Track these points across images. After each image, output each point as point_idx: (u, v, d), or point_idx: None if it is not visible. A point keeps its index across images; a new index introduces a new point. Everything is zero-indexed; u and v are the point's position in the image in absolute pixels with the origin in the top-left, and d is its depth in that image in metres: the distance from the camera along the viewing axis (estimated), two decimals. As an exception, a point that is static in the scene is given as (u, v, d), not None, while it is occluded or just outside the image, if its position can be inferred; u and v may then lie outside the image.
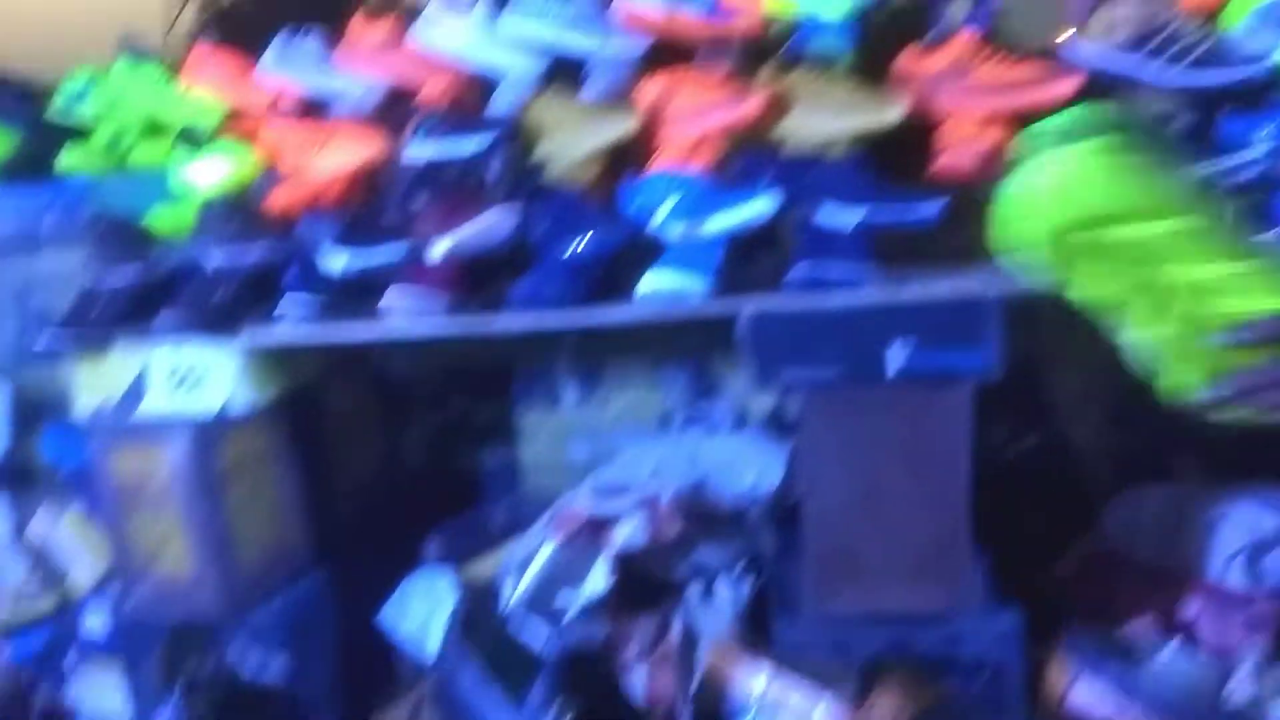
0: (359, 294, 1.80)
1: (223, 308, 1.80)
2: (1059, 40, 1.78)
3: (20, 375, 2.49)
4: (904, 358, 1.46)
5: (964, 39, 1.73)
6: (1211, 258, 1.15)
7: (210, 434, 1.83)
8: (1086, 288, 1.23)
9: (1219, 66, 1.48)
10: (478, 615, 0.84)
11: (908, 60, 1.77)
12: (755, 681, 0.68)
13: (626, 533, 1.82)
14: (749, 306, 1.57)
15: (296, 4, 2.16)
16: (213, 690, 0.75)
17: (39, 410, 2.50)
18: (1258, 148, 1.37)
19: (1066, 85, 1.60)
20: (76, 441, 2.13)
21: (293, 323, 1.75)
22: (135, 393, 1.85)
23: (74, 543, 2.28)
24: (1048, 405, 1.99)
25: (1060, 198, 1.19)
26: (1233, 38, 1.52)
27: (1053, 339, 1.97)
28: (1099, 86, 1.64)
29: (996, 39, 1.84)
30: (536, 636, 0.80)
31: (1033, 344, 1.95)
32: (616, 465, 2.08)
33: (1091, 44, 1.60)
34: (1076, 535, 1.91)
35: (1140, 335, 1.19)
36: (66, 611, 2.26)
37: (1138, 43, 1.55)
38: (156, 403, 1.84)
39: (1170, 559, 1.73)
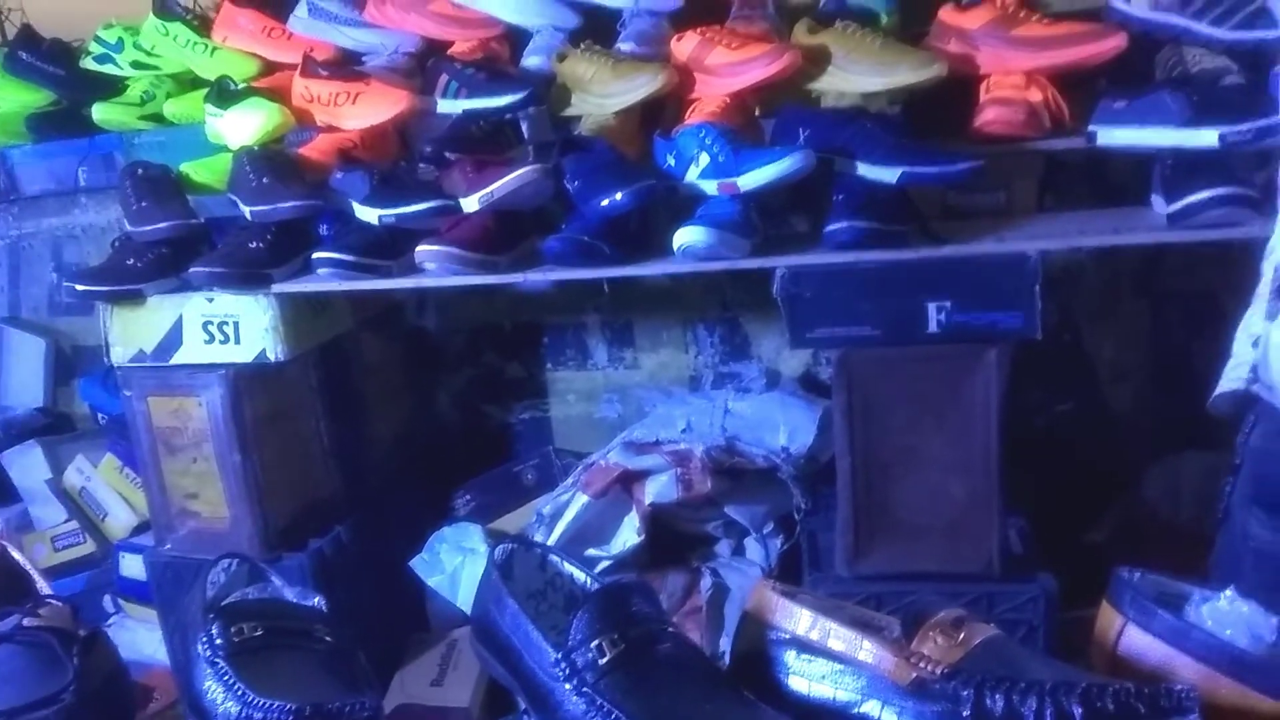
0: (391, 247, 1.81)
1: (256, 259, 1.81)
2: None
3: (57, 325, 2.53)
4: (941, 317, 1.45)
5: (1005, -6, 1.70)
6: None
7: (244, 383, 1.85)
8: None
9: (1268, 23, 1.45)
10: (522, 559, 0.85)
11: (947, 15, 1.74)
12: (798, 621, 0.69)
13: (658, 488, 1.83)
14: (784, 264, 1.56)
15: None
16: (255, 615, 0.77)
17: (76, 359, 2.55)
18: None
19: (1112, 42, 1.57)
20: (113, 390, 2.16)
21: (328, 274, 1.75)
22: (171, 342, 1.87)
23: (110, 489, 2.33)
24: (1086, 369, 1.98)
25: None
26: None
27: (1092, 302, 1.95)
28: (1144, 44, 1.61)
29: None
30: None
31: (1071, 306, 1.94)
32: (647, 422, 2.08)
33: (1137, 1, 1.57)
34: (1114, 500, 1.90)
35: None
36: (105, 555, 2.31)
37: (1184, 1, 1.52)
38: (191, 352, 1.86)
39: (1209, 526, 1.72)
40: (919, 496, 1.53)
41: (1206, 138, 1.38)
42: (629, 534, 1.85)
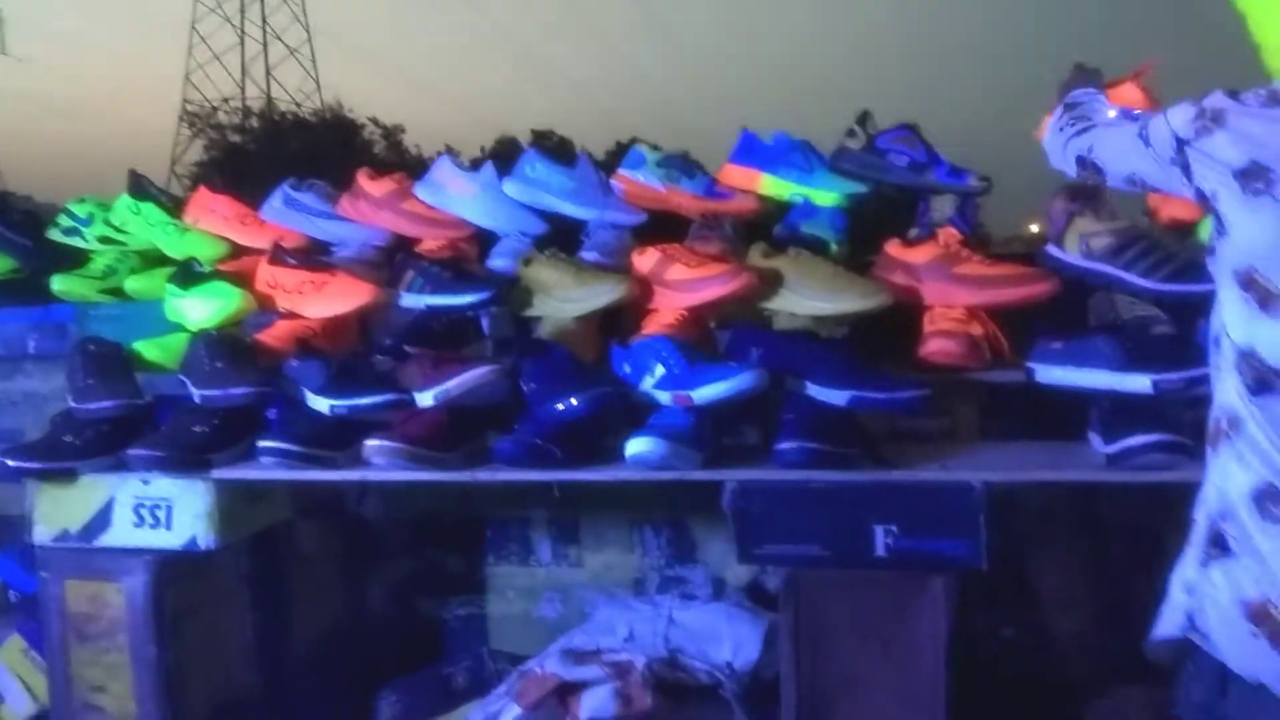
0: (339, 437, 1.79)
1: (198, 444, 1.78)
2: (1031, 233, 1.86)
3: (-21, 494, 2.42)
4: (889, 541, 1.46)
5: (948, 235, 1.81)
6: None
7: (170, 571, 1.77)
8: None
9: (1193, 279, 1.55)
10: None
11: (893, 249, 1.84)
12: None
13: (595, 703, 1.76)
14: (734, 477, 1.57)
15: (300, 156, 2.24)
16: None
17: (-4, 530, 2.43)
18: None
19: (1045, 286, 1.67)
20: (30, 566, 2.05)
21: (271, 463, 1.72)
22: (99, 523, 1.80)
23: (10, 673, 2.16)
24: (1030, 596, 1.97)
25: None
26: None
27: (1034, 530, 1.97)
28: (1078, 286, 1.71)
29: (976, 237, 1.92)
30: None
31: (1015, 533, 1.96)
32: (588, 627, 2.02)
33: (1071, 249, 1.67)
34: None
35: None
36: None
37: (1116, 251, 1.62)
38: (119, 535, 1.79)
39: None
40: (865, 726, 1.49)
41: (1140, 383, 1.45)
42: (562, 753, 1.76)
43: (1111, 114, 1.47)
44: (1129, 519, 1.93)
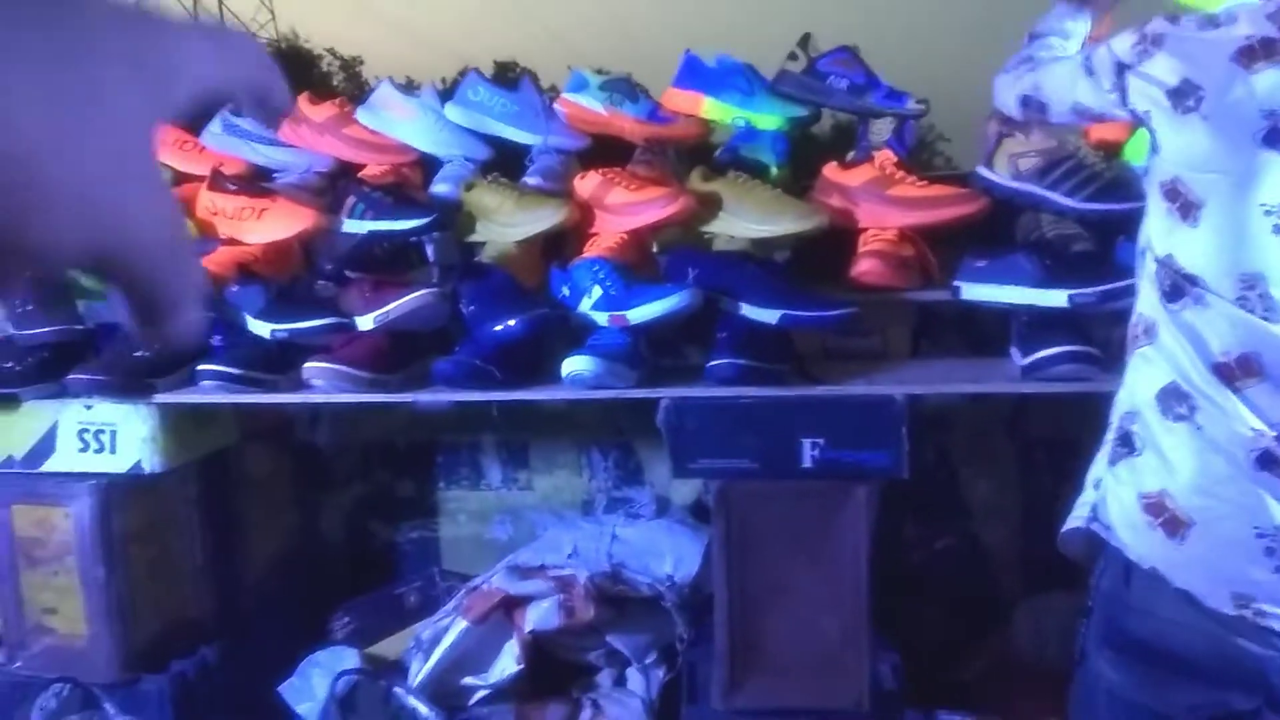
0: (281, 361, 1.80)
1: (140, 368, 1.78)
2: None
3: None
4: (815, 453, 1.51)
5: (884, 158, 1.83)
6: None
7: (116, 495, 1.79)
8: None
9: (1116, 198, 1.59)
10: (366, 692, 0.84)
11: (831, 172, 1.86)
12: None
13: (539, 615, 1.81)
14: (668, 394, 1.61)
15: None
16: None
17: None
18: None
19: (975, 206, 1.70)
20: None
21: (211, 387, 1.73)
22: (43, 449, 1.81)
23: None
24: (961, 508, 2.05)
25: None
26: (1134, 171, 1.64)
27: (966, 444, 2.04)
28: (1008, 208, 1.75)
29: (915, 160, 1.95)
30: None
31: (947, 448, 2.03)
32: (534, 546, 2.07)
33: (1000, 170, 1.70)
34: (985, 638, 1.95)
35: None
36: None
37: (1043, 171, 1.66)
38: (63, 460, 1.80)
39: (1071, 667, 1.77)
40: (792, 630, 1.56)
41: (1057, 298, 1.50)
42: (508, 662, 1.81)
43: (1072, 45, 1.49)
44: (1052, 433, 2.00)
